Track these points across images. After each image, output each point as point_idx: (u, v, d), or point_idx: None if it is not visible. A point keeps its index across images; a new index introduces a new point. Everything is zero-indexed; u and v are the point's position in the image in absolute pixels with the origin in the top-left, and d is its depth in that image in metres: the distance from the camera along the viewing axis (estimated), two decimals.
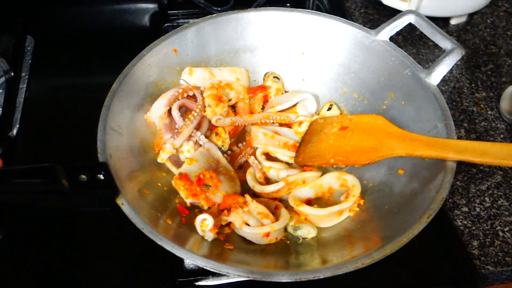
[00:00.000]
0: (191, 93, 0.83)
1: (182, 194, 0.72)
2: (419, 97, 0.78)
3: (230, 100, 0.85)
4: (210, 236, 0.68)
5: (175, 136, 0.77)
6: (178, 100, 0.81)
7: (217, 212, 0.72)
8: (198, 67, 0.87)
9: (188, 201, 0.72)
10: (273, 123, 0.84)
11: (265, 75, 0.92)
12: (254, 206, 0.71)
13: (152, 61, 0.82)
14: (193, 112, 0.80)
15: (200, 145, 0.79)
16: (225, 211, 0.71)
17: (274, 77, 0.90)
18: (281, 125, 0.85)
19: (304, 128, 0.83)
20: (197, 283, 0.71)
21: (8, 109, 0.92)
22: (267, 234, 0.69)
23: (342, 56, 0.88)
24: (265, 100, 0.89)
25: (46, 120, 0.93)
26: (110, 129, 0.71)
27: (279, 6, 0.92)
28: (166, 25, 1.10)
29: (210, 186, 0.73)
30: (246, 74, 0.90)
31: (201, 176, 0.73)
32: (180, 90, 0.82)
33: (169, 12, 1.12)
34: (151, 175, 0.75)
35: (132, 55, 0.80)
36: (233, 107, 0.87)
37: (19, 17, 1.11)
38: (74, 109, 0.94)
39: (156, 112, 0.80)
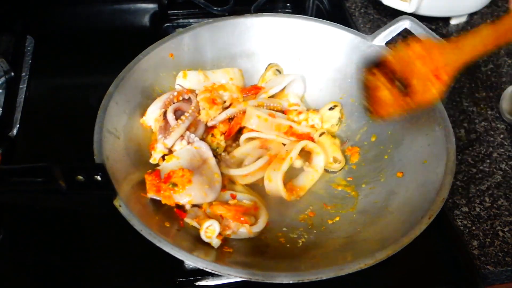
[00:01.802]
0: (186, 96, 0.83)
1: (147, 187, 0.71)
2: None
3: (224, 102, 0.85)
4: (216, 242, 0.68)
5: (166, 136, 0.77)
6: (174, 103, 0.81)
7: (205, 217, 0.71)
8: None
9: (149, 195, 0.70)
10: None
11: (268, 65, 0.92)
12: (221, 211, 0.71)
13: (149, 65, 0.82)
14: (185, 113, 0.80)
15: None
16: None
17: (276, 69, 0.90)
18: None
19: (301, 118, 0.83)
20: (197, 283, 0.71)
21: (8, 109, 0.92)
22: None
23: (339, 61, 0.88)
24: (256, 92, 0.89)
25: (46, 120, 0.93)
26: (107, 131, 0.71)
27: (279, 7, 0.91)
28: (166, 25, 1.10)
29: (176, 185, 0.71)
30: (239, 73, 0.90)
31: (171, 173, 0.71)
32: (175, 93, 0.82)
33: (169, 12, 1.12)
34: None
35: (132, 55, 0.80)
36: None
37: (19, 17, 1.11)
38: (74, 109, 0.94)
39: (151, 115, 0.80)
